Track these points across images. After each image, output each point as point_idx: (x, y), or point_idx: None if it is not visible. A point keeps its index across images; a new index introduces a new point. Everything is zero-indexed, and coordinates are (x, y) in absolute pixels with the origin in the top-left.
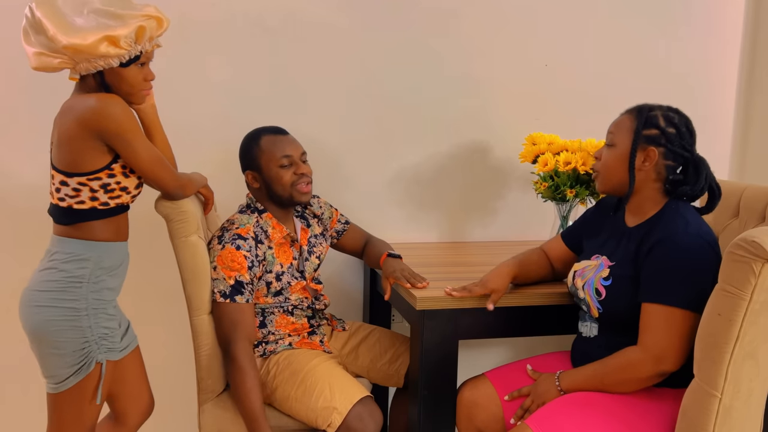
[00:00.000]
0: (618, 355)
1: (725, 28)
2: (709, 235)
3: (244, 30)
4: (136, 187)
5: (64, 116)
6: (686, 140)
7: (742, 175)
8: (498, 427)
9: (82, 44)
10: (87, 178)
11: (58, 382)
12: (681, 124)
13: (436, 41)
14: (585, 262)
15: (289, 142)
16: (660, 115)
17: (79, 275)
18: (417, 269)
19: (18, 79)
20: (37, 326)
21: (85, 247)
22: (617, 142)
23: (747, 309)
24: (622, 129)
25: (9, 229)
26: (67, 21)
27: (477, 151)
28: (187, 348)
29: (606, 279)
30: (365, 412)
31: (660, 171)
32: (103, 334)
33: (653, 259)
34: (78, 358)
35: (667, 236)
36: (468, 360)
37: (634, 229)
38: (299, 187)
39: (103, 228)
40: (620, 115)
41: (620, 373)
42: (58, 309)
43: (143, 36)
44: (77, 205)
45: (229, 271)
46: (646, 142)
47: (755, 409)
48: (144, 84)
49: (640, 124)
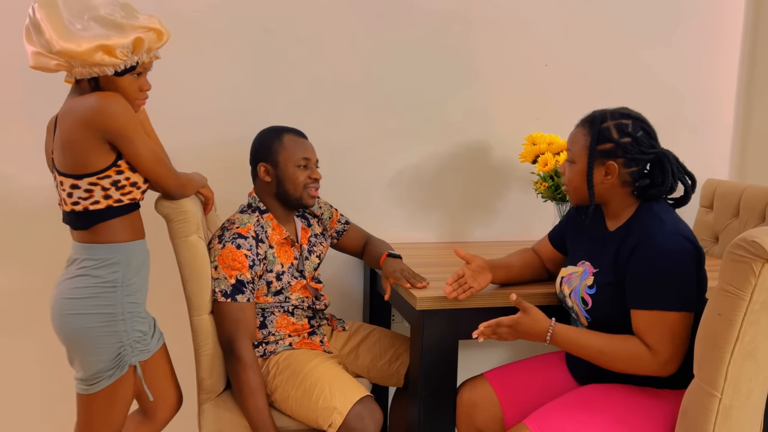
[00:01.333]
0: (624, 344)
1: (725, 28)
2: (685, 231)
3: (244, 31)
4: (144, 182)
5: (64, 120)
6: (644, 144)
7: (742, 175)
8: (497, 427)
9: (76, 50)
10: (97, 177)
11: (90, 384)
12: (635, 129)
13: (436, 41)
14: (571, 268)
15: (308, 146)
16: (612, 126)
17: (112, 280)
18: (417, 269)
19: (18, 79)
20: (74, 333)
21: (112, 251)
22: (576, 159)
23: (747, 309)
24: (577, 145)
25: (10, 230)
26: (65, 25)
27: (477, 151)
28: (187, 348)
29: (590, 287)
30: (365, 411)
31: (625, 179)
32: (137, 337)
33: (636, 264)
34: (114, 362)
35: (644, 239)
36: (468, 360)
37: (614, 233)
38: (310, 190)
39: (121, 228)
40: (575, 127)
41: (623, 362)
42: (95, 315)
43: (141, 47)
44: (93, 206)
45: (230, 270)
46: (603, 157)
47: (755, 409)
48: (139, 94)
49: (593, 140)
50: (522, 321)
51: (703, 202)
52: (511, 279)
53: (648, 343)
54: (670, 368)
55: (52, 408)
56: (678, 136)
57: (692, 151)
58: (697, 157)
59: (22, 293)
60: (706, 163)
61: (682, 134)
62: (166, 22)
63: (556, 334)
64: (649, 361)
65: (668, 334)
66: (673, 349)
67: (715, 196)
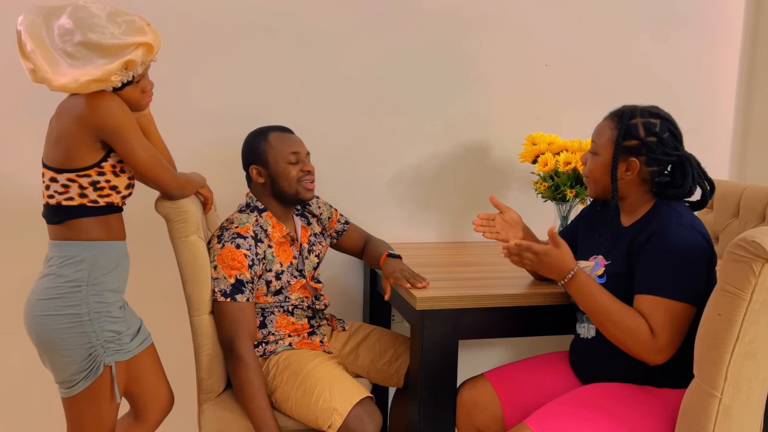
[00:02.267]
0: (631, 315)
1: (725, 28)
2: (702, 228)
3: (245, 30)
4: (126, 187)
5: (61, 116)
6: (668, 146)
7: (742, 175)
8: (497, 427)
9: (72, 86)
10: (76, 174)
11: (68, 387)
12: (662, 130)
13: (436, 41)
14: (582, 263)
15: (296, 141)
16: (640, 124)
17: (77, 278)
18: (417, 269)
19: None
20: (43, 336)
21: (79, 248)
22: (600, 152)
23: (747, 309)
24: (603, 138)
25: (10, 230)
26: (56, 60)
27: (477, 152)
28: (187, 348)
29: (600, 277)
30: (365, 413)
31: (645, 177)
32: (109, 337)
33: (649, 251)
34: (86, 364)
35: (661, 229)
36: (468, 360)
37: (629, 228)
38: (305, 183)
39: (94, 226)
40: (602, 120)
41: (622, 332)
42: (61, 317)
43: (133, 66)
44: (66, 202)
45: (230, 270)
46: (626, 153)
47: (755, 409)
48: (142, 96)
49: (620, 135)
50: (551, 253)
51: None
52: None
53: (654, 328)
54: (663, 356)
55: (52, 408)
56: None
57: (692, 151)
58: (697, 157)
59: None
60: (706, 163)
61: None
62: (166, 23)
63: (576, 276)
64: (647, 342)
65: (669, 322)
66: (671, 337)
67: (715, 196)
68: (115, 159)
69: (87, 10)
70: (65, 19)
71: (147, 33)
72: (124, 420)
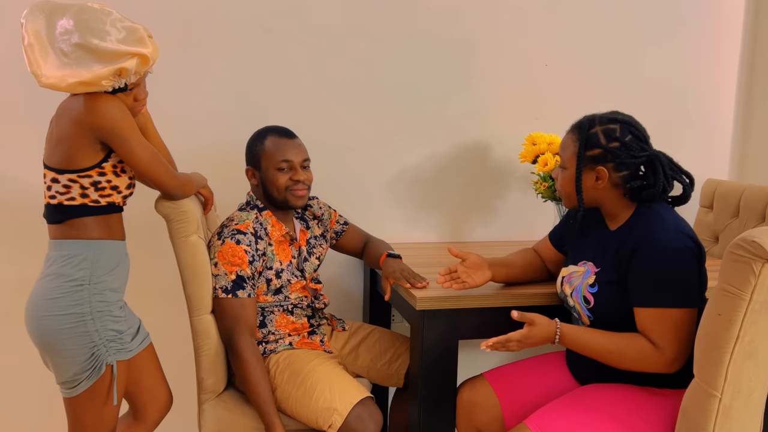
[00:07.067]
0: (630, 342)
1: (725, 28)
2: (686, 228)
3: (245, 31)
4: (127, 187)
5: (60, 117)
6: (633, 148)
7: (742, 175)
8: (497, 427)
9: (60, 85)
10: (78, 175)
11: (70, 387)
12: (623, 134)
13: (436, 41)
14: (572, 268)
15: (292, 147)
16: (600, 131)
17: (79, 277)
18: (417, 269)
19: (20, 79)
20: (46, 337)
21: (80, 247)
22: (567, 165)
23: (747, 309)
24: (567, 152)
25: (10, 230)
26: (50, 57)
27: (477, 151)
28: (187, 348)
29: (592, 286)
30: (365, 413)
31: (617, 182)
32: (111, 336)
33: (638, 262)
34: (88, 363)
35: (646, 238)
36: (468, 360)
37: (615, 232)
38: (294, 191)
39: (94, 225)
40: (565, 134)
41: (630, 361)
42: (63, 317)
43: (126, 75)
44: (67, 202)
45: (230, 266)
46: (593, 163)
47: (755, 409)
48: (135, 104)
49: (581, 146)
50: (530, 334)
51: (703, 202)
52: (512, 278)
53: (653, 340)
54: (676, 365)
55: (52, 408)
56: (678, 136)
57: (692, 151)
58: (697, 157)
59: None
60: (706, 163)
61: (682, 134)
62: (166, 23)
63: (563, 335)
64: (656, 358)
65: (672, 331)
66: (677, 345)
67: (715, 196)
68: (116, 159)
69: (91, 13)
70: (68, 18)
71: (146, 45)
72: (124, 419)
